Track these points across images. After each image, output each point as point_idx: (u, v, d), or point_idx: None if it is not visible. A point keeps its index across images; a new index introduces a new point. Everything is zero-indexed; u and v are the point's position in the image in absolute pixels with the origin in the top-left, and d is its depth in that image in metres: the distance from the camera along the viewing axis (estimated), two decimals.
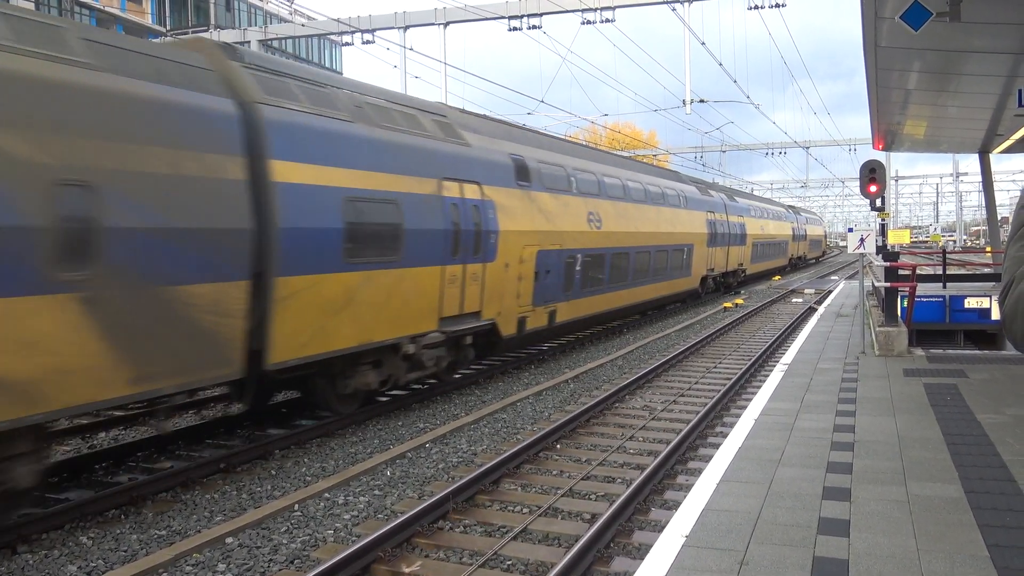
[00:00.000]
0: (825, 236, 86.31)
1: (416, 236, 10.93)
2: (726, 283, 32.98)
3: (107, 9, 43.32)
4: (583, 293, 16.88)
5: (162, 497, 7.97)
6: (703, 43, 26.18)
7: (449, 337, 12.05)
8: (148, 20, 47.16)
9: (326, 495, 7.91)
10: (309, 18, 31.74)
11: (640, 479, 7.74)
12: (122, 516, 7.46)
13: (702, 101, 33.55)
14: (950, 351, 13.06)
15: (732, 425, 8.61)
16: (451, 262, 11.86)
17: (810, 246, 62.67)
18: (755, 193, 63.65)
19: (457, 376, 13.56)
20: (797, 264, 55.00)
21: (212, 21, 41.45)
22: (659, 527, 6.49)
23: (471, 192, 12.52)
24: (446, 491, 7.43)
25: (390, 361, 11.04)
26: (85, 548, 6.70)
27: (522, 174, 14.46)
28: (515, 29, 26.51)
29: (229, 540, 6.77)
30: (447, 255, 11.73)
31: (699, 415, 10.47)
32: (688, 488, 6.80)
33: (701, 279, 27.62)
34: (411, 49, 27.14)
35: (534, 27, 26.32)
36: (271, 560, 6.42)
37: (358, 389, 10.63)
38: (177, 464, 8.82)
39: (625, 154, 39.08)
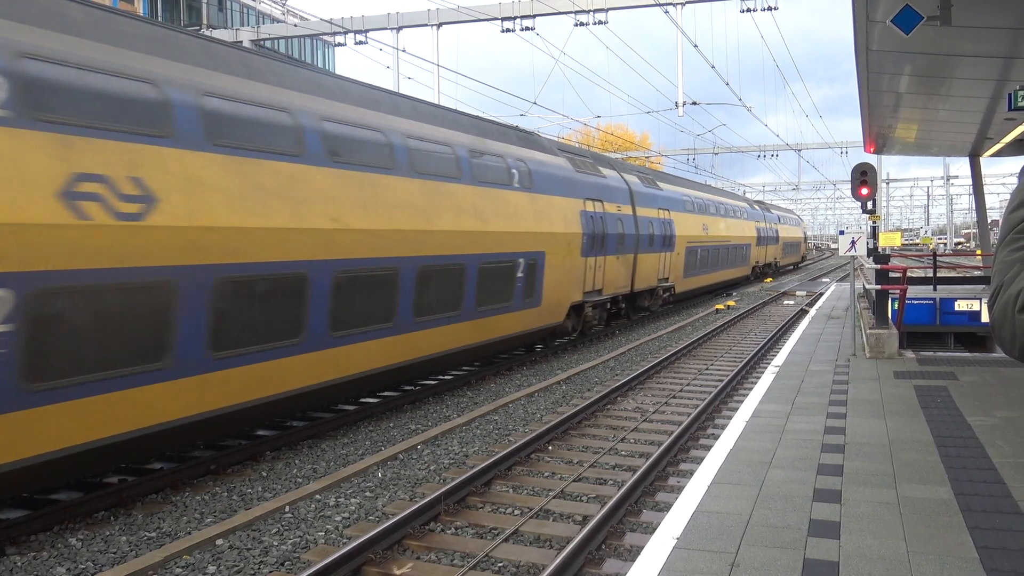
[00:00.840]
0: (805, 239, 74.38)
1: None
2: (637, 307, 23.42)
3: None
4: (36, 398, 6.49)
5: (152, 498, 7.93)
6: (695, 45, 26.29)
7: None
8: None
9: (317, 497, 7.88)
10: (302, 18, 31.74)
11: (632, 481, 7.74)
12: (111, 517, 7.42)
13: (695, 103, 33.68)
14: (940, 353, 13.12)
15: (724, 427, 8.62)
16: None
17: (783, 250, 53.22)
18: (745, 193, 61.63)
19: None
20: (765, 273, 46.14)
21: (204, 20, 41.35)
22: (650, 529, 6.50)
23: None
24: (437, 493, 7.42)
25: None
26: (74, 550, 6.66)
27: None
28: (508, 30, 26.54)
29: (219, 542, 6.74)
30: None
31: (691, 417, 10.48)
32: (679, 490, 6.81)
33: (572, 308, 17.52)
34: (404, 51, 27.17)
35: (527, 28, 26.34)
36: (262, 562, 6.39)
37: None
38: (167, 465, 8.78)
39: (617, 156, 38.71)
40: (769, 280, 44.58)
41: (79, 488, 8.06)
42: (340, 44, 29.63)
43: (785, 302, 30.80)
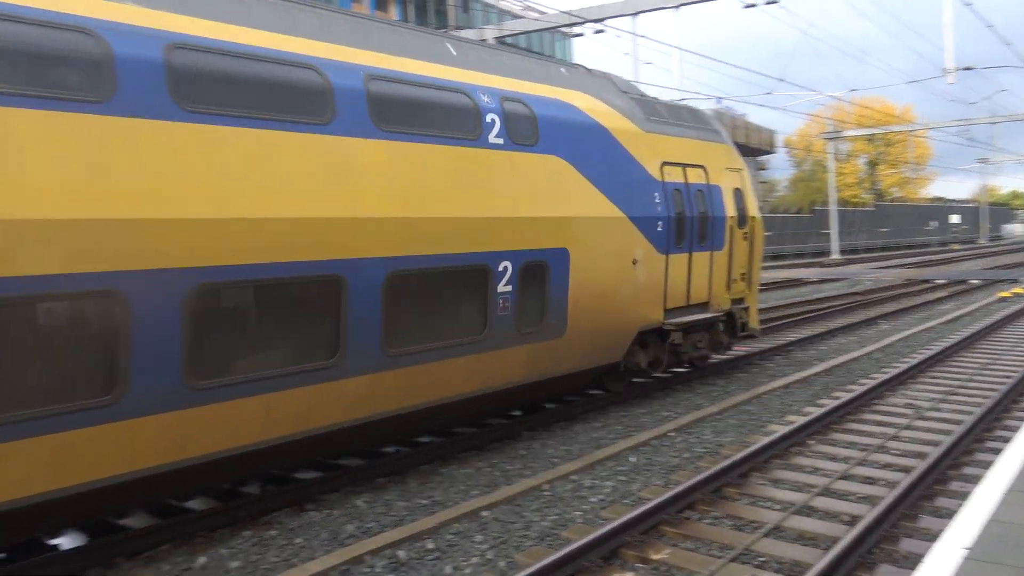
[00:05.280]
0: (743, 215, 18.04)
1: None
2: None
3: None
4: None
5: (424, 469, 8.58)
6: (968, 3, 23.53)
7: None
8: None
9: (572, 477, 8.11)
10: (540, 12, 32.49)
11: (907, 482, 7.14)
12: (390, 484, 8.14)
13: (968, 69, 30.17)
14: None
15: (1016, 429, 7.67)
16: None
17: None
18: None
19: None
20: None
21: (451, 21, 43.85)
22: (931, 536, 5.98)
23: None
24: (692, 481, 7.34)
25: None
26: (360, 510, 7.40)
27: None
28: (750, 6, 25.47)
29: (484, 514, 7.17)
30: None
31: (976, 416, 9.42)
32: (964, 496, 6.17)
33: None
34: (642, 36, 26.93)
35: (771, 2, 25.18)
36: (524, 535, 6.71)
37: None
38: (436, 439, 9.45)
39: (878, 131, 35.66)
40: None
41: (362, 456, 8.93)
42: (578, 35, 30.01)
43: None
